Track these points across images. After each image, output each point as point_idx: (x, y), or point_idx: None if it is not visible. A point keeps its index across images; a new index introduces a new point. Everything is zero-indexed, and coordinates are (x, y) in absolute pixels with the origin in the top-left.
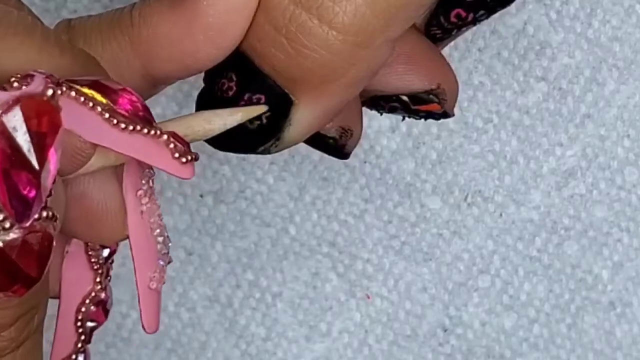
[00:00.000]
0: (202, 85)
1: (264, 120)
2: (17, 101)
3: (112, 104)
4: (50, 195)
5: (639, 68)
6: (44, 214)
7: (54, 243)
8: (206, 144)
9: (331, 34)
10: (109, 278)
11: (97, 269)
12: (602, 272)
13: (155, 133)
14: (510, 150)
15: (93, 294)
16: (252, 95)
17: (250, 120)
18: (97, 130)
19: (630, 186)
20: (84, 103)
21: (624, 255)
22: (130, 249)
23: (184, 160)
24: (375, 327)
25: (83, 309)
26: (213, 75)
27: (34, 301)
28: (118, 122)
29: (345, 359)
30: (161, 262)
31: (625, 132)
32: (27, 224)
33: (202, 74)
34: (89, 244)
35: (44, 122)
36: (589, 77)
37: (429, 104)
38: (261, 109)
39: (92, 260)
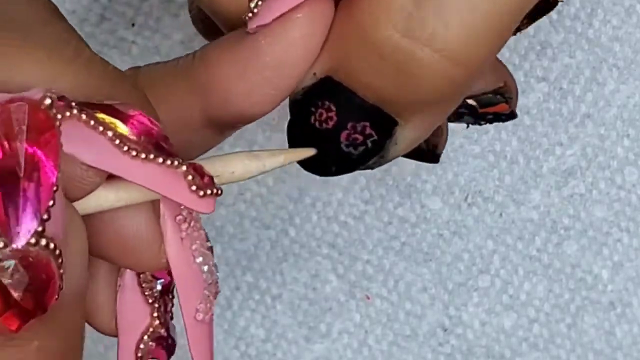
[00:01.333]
0: None
1: (370, 145)
2: (10, 101)
3: (124, 131)
4: (48, 219)
5: (639, 68)
6: (42, 242)
7: (58, 280)
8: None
9: (442, 62)
10: (170, 314)
11: (152, 303)
12: (602, 272)
13: (172, 163)
14: (510, 150)
15: (151, 329)
16: (355, 124)
17: (355, 146)
18: (106, 157)
19: (630, 186)
20: (94, 127)
21: (623, 255)
22: (173, 278)
23: (201, 193)
24: (375, 328)
25: (142, 346)
26: (304, 105)
27: (45, 344)
28: (129, 149)
29: None
30: (206, 292)
31: (625, 132)
32: (19, 246)
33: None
34: (141, 275)
35: (38, 131)
36: (589, 77)
37: (496, 105)
38: (308, 152)
39: (146, 293)
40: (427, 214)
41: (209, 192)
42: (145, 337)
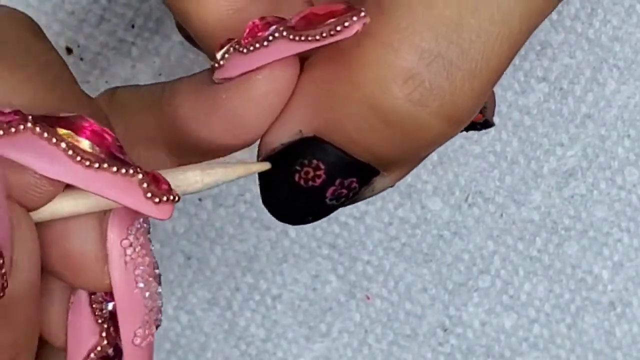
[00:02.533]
0: None
1: (350, 195)
2: None
3: (76, 142)
4: None
5: (639, 68)
6: None
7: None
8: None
9: (449, 126)
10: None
11: (101, 323)
12: (602, 272)
13: (127, 171)
14: (511, 151)
15: (99, 348)
16: (343, 180)
17: (338, 199)
18: (60, 167)
19: (630, 186)
20: (48, 139)
21: (624, 256)
22: (114, 300)
23: (157, 200)
24: (375, 327)
25: None
26: (286, 163)
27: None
28: (82, 159)
29: (345, 359)
30: (146, 318)
31: (626, 132)
32: None
33: None
34: (93, 296)
35: None
36: (589, 77)
37: None
38: (263, 166)
39: (97, 313)
40: (427, 215)
41: (164, 198)
42: (92, 354)
